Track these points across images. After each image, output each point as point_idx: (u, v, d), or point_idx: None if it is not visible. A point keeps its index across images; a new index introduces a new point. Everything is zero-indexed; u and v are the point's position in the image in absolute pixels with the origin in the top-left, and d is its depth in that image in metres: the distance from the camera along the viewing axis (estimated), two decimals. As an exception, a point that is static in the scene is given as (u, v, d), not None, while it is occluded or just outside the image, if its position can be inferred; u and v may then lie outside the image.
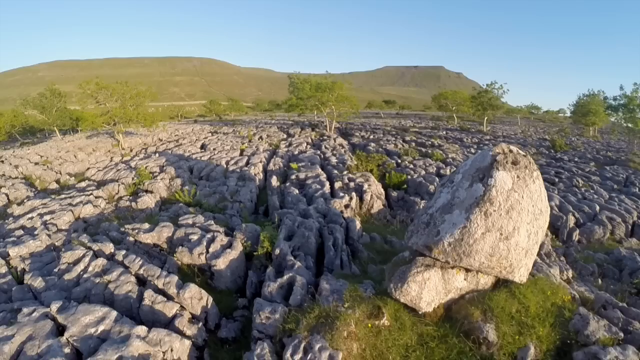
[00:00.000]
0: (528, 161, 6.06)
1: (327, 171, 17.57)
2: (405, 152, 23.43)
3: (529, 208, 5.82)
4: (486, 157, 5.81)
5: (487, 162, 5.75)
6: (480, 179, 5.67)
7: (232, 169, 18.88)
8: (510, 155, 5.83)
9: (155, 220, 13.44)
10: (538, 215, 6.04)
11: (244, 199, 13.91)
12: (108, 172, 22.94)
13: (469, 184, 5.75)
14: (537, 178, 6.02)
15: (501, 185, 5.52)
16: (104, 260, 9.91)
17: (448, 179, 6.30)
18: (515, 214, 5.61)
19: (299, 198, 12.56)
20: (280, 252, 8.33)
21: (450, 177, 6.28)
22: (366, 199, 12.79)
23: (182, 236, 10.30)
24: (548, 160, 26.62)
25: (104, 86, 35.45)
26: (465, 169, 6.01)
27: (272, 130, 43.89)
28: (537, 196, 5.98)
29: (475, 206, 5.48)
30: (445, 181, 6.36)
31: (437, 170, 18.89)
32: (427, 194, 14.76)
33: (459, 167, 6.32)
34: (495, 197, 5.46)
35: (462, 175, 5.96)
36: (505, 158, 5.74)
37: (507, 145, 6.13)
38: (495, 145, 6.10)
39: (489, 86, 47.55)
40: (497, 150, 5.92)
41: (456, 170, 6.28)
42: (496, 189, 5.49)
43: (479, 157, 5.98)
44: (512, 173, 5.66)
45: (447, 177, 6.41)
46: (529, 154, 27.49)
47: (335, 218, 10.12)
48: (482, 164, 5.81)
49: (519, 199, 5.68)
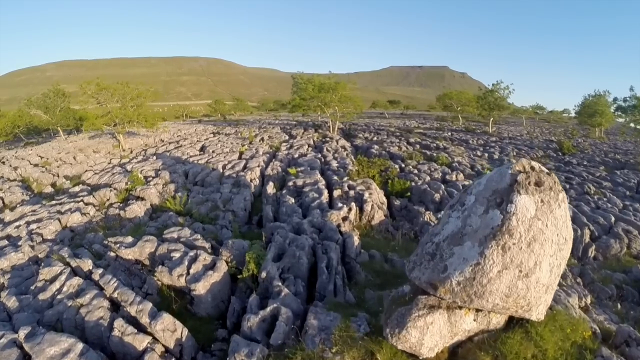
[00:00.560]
0: (553, 181, 5.11)
1: (326, 177, 16.67)
2: (409, 156, 22.44)
3: (553, 238, 4.90)
4: (504, 177, 4.88)
5: (505, 182, 4.83)
6: (497, 204, 4.75)
7: (228, 173, 18.06)
8: (532, 175, 4.89)
9: (141, 231, 12.69)
10: (562, 245, 5.11)
11: (237, 207, 13.07)
12: (104, 175, 22.29)
13: (483, 209, 4.83)
14: (563, 201, 5.08)
15: (523, 213, 4.59)
16: (80, 280, 9.24)
17: (458, 200, 5.37)
18: (537, 246, 4.69)
19: (294, 209, 11.69)
20: (267, 275, 7.47)
21: (461, 198, 5.35)
22: (366, 210, 11.89)
23: (165, 253, 9.49)
24: (557, 164, 25.48)
25: (105, 87, 34.93)
26: (479, 190, 5.08)
27: (274, 131, 43.05)
28: (562, 223, 5.05)
29: (491, 239, 4.56)
30: (454, 203, 5.44)
31: (443, 176, 17.90)
32: (432, 203, 13.82)
33: (471, 186, 5.39)
34: (515, 228, 4.54)
35: (476, 197, 5.04)
36: (527, 178, 4.80)
37: (528, 161, 5.19)
38: (515, 161, 5.16)
39: (495, 86, 46.30)
40: (517, 167, 4.98)
41: (468, 190, 5.35)
42: (517, 217, 4.56)
43: (496, 175, 5.04)
44: (536, 197, 4.73)
45: (457, 198, 5.48)
46: (537, 156, 26.35)
47: (331, 234, 9.23)
48: (499, 185, 4.88)
49: (543, 228, 4.76)
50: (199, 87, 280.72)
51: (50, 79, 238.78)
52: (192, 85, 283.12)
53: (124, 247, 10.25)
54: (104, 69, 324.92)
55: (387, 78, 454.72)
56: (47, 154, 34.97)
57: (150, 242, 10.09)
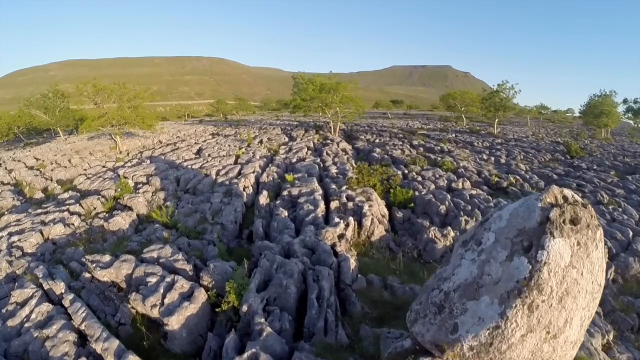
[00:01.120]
0: (589, 215, 4.13)
1: (324, 185, 15.73)
2: (413, 161, 21.43)
3: (588, 287, 3.95)
4: (533, 212, 3.92)
5: (534, 220, 3.87)
6: (524, 249, 3.80)
7: (221, 180, 17.15)
8: (568, 210, 3.92)
9: (123, 246, 11.84)
10: (596, 293, 4.16)
11: (227, 220, 12.15)
12: (95, 180, 21.52)
13: (506, 254, 3.88)
14: (600, 240, 4.11)
15: (556, 262, 3.64)
16: (49, 307, 8.47)
17: (473, 236, 4.42)
18: (569, 300, 3.74)
19: (287, 223, 10.75)
20: (249, 309, 6.56)
21: (476, 234, 4.39)
22: (365, 225, 10.94)
23: (141, 276, 8.60)
24: (566, 168, 24.39)
25: (101, 88, 34.18)
26: (500, 227, 4.12)
27: (274, 132, 42.16)
28: (598, 267, 4.09)
29: (515, 296, 3.61)
30: (468, 239, 4.49)
31: (448, 183, 16.90)
32: (437, 215, 12.84)
33: (489, 219, 4.43)
34: (546, 282, 3.59)
35: (496, 236, 4.08)
36: (561, 215, 3.84)
37: (560, 191, 4.22)
38: (543, 192, 4.18)
39: (500, 87, 45.09)
40: (547, 199, 4.01)
41: (486, 224, 4.39)
42: (549, 267, 3.61)
43: (522, 209, 4.08)
44: (572, 239, 3.78)
45: (472, 234, 4.53)
46: (545, 160, 25.19)
47: (325, 257, 8.30)
48: (526, 222, 3.92)
49: (578, 277, 3.81)
50: (202, 86, 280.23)
51: (53, 79, 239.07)
52: (195, 85, 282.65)
53: (100, 268, 9.39)
54: (107, 69, 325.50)
55: (389, 77, 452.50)
56: (44, 155, 34.34)
57: (127, 262, 9.21)
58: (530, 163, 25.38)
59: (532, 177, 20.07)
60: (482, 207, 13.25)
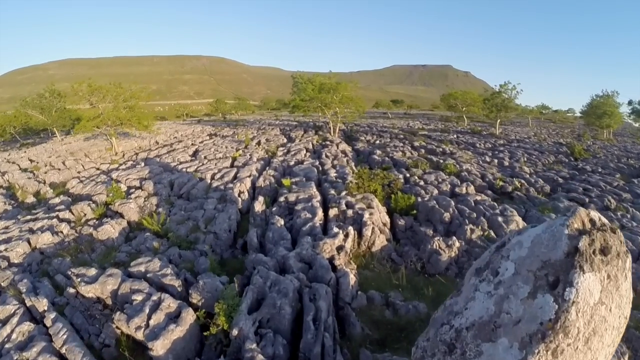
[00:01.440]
0: (619, 241, 3.56)
1: (323, 190, 15.17)
2: (415, 164, 20.85)
3: (615, 323, 3.39)
4: (559, 241, 3.35)
5: (561, 251, 3.31)
6: (550, 285, 3.24)
7: (216, 185, 16.58)
8: (597, 238, 3.36)
9: (111, 257, 11.30)
10: (622, 327, 3.61)
11: (220, 228, 11.59)
12: (88, 184, 20.96)
13: (529, 291, 3.32)
14: (629, 269, 3.57)
15: (585, 300, 3.09)
16: (31, 326, 7.96)
17: (488, 264, 3.87)
18: (596, 340, 3.19)
19: (282, 234, 10.19)
20: (240, 332, 6.02)
21: (493, 261, 3.84)
22: (366, 234, 10.39)
23: (127, 293, 8.06)
24: (571, 171, 23.83)
25: (96, 88, 33.64)
26: (521, 257, 3.56)
27: (272, 133, 41.61)
28: (626, 299, 3.52)
29: (539, 340, 3.06)
30: (482, 266, 3.94)
31: (452, 188, 16.33)
32: (441, 223, 12.28)
33: (507, 244, 3.87)
34: (573, 323, 3.04)
35: (516, 267, 3.52)
36: (591, 244, 3.29)
37: (587, 213, 3.66)
38: (570, 215, 3.63)
39: (502, 87, 44.53)
40: (575, 224, 3.45)
41: (503, 250, 3.84)
42: (577, 307, 3.06)
43: (546, 236, 3.51)
44: (602, 272, 3.22)
45: (486, 260, 3.98)
46: (548, 162, 24.61)
47: (322, 272, 7.75)
48: (552, 253, 3.36)
49: (606, 314, 3.26)
50: (202, 85, 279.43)
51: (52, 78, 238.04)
52: (194, 84, 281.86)
53: (85, 283, 8.85)
54: (106, 68, 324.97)
55: (390, 77, 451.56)
56: (39, 157, 33.87)
57: (113, 277, 8.66)
58: (534, 165, 24.86)
59: (537, 180, 19.52)
60: (487, 215, 12.70)
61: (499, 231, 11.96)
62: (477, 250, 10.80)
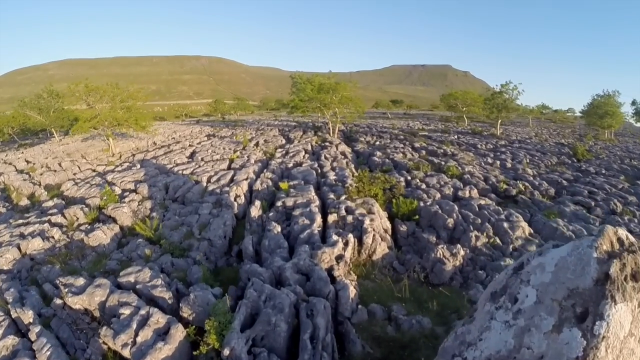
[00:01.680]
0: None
1: (322, 194, 14.73)
2: (416, 166, 20.40)
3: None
4: (587, 266, 2.95)
5: (589, 278, 2.90)
6: (577, 317, 2.84)
7: (212, 188, 16.14)
8: (628, 261, 2.96)
9: (102, 265, 10.87)
10: None
11: (215, 235, 11.15)
12: (83, 186, 20.53)
13: (553, 323, 2.91)
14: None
15: (615, 334, 2.69)
16: (15, 340, 7.59)
17: (506, 289, 3.45)
18: None
19: (279, 241, 9.74)
20: (232, 352, 5.59)
21: (511, 286, 3.43)
22: (367, 242, 9.96)
23: (115, 305, 7.63)
24: (574, 173, 23.40)
25: (93, 88, 33.17)
26: (544, 283, 3.15)
27: (271, 134, 41.19)
28: None
29: (567, 382, 2.65)
30: (498, 290, 3.53)
31: (455, 191, 15.91)
32: (444, 229, 11.85)
33: (525, 266, 3.46)
34: (603, 359, 2.64)
35: (538, 295, 3.11)
36: (622, 269, 2.89)
37: (614, 232, 3.26)
38: (597, 235, 3.20)
39: (504, 87, 44.08)
40: (603, 245, 3.05)
41: (522, 274, 3.42)
42: (607, 342, 2.66)
43: (572, 260, 3.10)
44: (634, 302, 2.83)
45: (502, 282, 3.57)
46: (551, 163, 24.16)
47: (320, 285, 7.32)
48: (579, 280, 2.95)
49: (634, 346, 2.87)
50: (201, 85, 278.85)
51: (52, 78, 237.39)
52: (194, 84, 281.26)
53: (72, 294, 8.41)
54: (106, 68, 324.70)
55: (389, 77, 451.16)
56: (35, 158, 33.45)
57: (101, 288, 8.22)
58: (537, 167, 24.45)
59: (541, 183, 19.11)
60: (492, 220, 12.28)
61: (504, 238, 11.53)
62: (483, 259, 10.38)
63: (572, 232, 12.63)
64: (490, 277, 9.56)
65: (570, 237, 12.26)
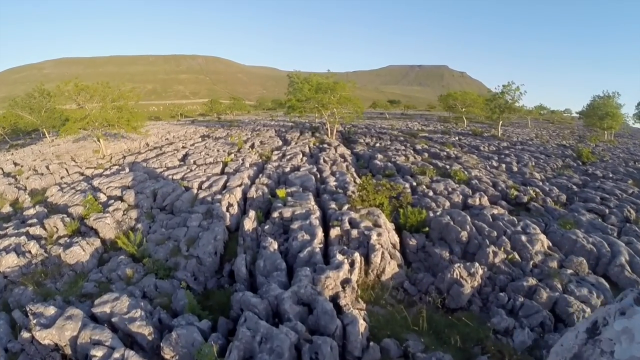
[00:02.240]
0: None
1: (322, 203, 13.61)
2: (421, 171, 19.32)
3: None
4: None
5: None
6: None
7: (203, 195, 14.97)
8: None
9: (79, 287, 9.73)
10: None
11: (204, 252, 10.01)
12: (68, 192, 19.33)
13: None
14: None
15: None
16: None
17: None
18: None
19: (276, 262, 8.59)
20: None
21: (587, 357, 2.40)
22: (374, 261, 8.88)
23: (87, 343, 6.52)
24: (582, 177, 22.44)
25: (83, 87, 31.95)
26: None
27: (267, 135, 40.04)
28: None
29: None
30: None
31: (464, 199, 14.88)
32: (458, 243, 10.78)
33: (603, 331, 2.41)
34: None
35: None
36: None
37: None
38: None
39: (505, 87, 43.18)
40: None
41: (600, 342, 2.37)
42: None
43: None
44: None
45: (573, 351, 2.52)
46: (557, 166, 23.22)
47: (325, 320, 6.24)
48: None
49: None
50: (197, 85, 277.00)
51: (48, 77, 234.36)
52: (190, 84, 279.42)
53: (41, 327, 7.26)
54: (102, 67, 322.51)
55: (386, 77, 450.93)
56: (24, 160, 32.21)
57: (73, 320, 7.09)
58: (543, 171, 23.49)
59: (551, 189, 18.12)
60: (509, 233, 11.25)
61: (523, 253, 10.51)
62: (502, 278, 9.36)
63: (593, 245, 11.63)
64: (512, 299, 8.56)
65: (591, 251, 11.29)
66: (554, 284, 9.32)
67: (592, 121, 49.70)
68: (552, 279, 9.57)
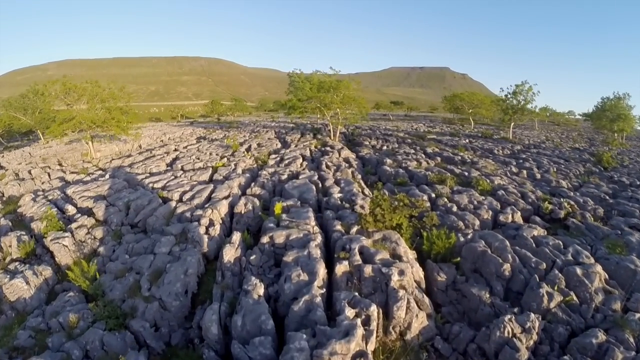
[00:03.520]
0: None
1: (324, 222, 11.18)
2: (439, 179, 16.79)
3: None
4: None
5: None
6: None
7: (182, 210, 12.56)
8: None
9: (11, 337, 7.42)
10: None
11: (170, 292, 7.63)
12: (39, 202, 17.11)
13: None
14: None
15: None
16: None
17: None
18: None
19: (260, 319, 6.01)
20: None
21: None
22: (398, 315, 6.45)
23: None
24: (610, 185, 19.92)
25: (71, 87, 29.87)
26: None
27: (266, 136, 37.75)
28: None
29: None
30: None
31: (494, 215, 12.47)
32: (499, 279, 8.35)
33: None
34: None
35: None
36: None
37: None
38: None
39: (518, 87, 40.67)
40: None
41: None
42: None
43: None
44: None
45: None
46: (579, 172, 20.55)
47: None
48: None
49: None
50: (200, 87, 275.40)
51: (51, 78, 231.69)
52: (192, 85, 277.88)
53: None
54: (105, 68, 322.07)
55: (387, 79, 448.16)
56: (11, 164, 30.15)
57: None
58: (567, 177, 21.01)
59: (585, 201, 15.65)
60: (559, 264, 8.87)
61: (580, 291, 8.12)
62: (561, 331, 7.00)
63: (657, 277, 9.24)
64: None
65: (657, 285, 8.90)
66: (625, 338, 7.00)
67: (602, 123, 47.11)
68: (620, 329, 7.23)
